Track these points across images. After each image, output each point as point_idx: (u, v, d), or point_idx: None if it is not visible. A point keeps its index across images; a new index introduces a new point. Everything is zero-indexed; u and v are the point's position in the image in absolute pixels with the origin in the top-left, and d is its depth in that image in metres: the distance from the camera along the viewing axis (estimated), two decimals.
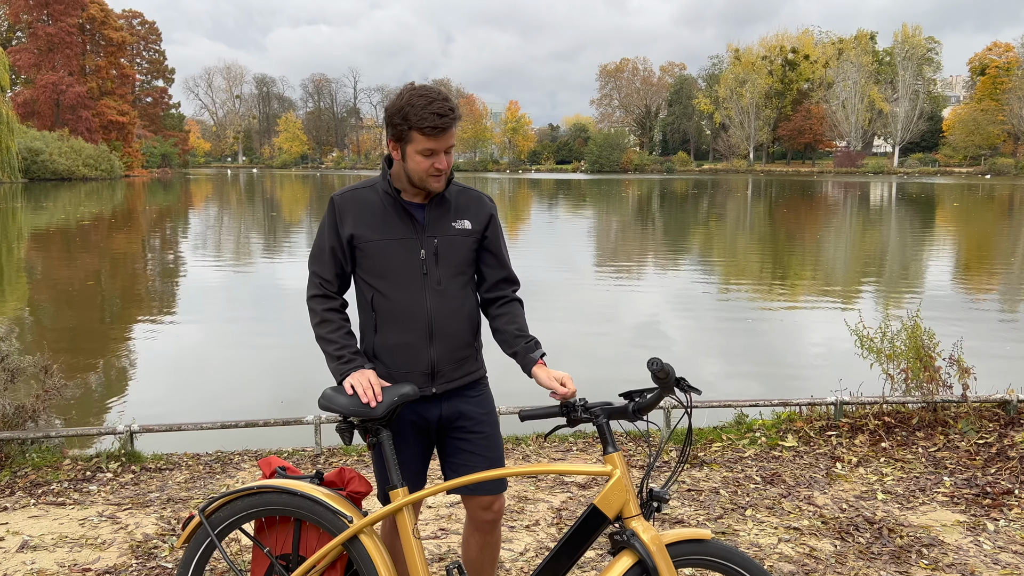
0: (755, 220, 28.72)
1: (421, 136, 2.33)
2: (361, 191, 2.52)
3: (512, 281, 2.67)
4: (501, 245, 2.64)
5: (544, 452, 5.11)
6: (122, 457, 4.99)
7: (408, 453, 2.54)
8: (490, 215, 2.59)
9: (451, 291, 2.50)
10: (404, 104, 2.33)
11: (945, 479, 4.50)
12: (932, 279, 14.51)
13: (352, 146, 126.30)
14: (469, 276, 2.58)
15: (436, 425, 2.56)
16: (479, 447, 2.56)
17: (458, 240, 2.51)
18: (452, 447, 2.58)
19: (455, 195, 2.55)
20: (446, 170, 2.41)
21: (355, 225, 2.47)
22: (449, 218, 2.51)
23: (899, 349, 5.35)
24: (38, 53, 70.87)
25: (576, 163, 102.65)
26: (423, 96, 2.32)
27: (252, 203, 40.04)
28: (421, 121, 2.30)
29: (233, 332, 10.34)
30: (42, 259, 17.58)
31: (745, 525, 3.96)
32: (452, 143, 2.39)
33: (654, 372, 2.07)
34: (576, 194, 47.82)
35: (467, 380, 2.57)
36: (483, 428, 2.57)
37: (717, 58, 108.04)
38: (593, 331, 10.05)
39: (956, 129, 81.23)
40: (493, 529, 2.64)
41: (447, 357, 2.50)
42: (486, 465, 2.54)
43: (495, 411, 2.66)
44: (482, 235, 2.58)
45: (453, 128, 2.36)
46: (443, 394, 2.53)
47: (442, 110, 2.31)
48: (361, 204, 2.49)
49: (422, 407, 2.51)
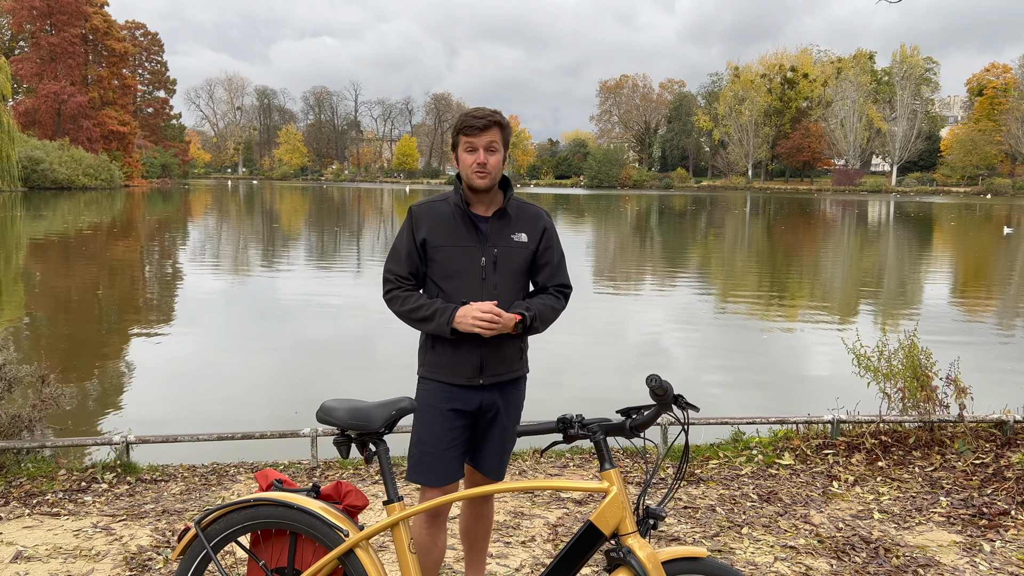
0: (753, 237, 28.78)
1: (463, 136, 2.73)
2: (436, 203, 2.86)
3: (563, 286, 2.94)
4: (554, 256, 2.92)
5: (541, 468, 5.10)
6: (118, 468, 4.98)
7: (448, 438, 2.77)
8: (544, 228, 2.90)
9: (505, 296, 2.79)
10: (456, 120, 2.79)
11: (942, 499, 4.50)
12: (930, 298, 14.54)
13: (352, 158, 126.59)
14: (523, 283, 2.88)
15: (475, 414, 2.83)
16: (498, 437, 2.88)
17: (516, 251, 2.82)
18: (482, 432, 2.88)
19: (516, 210, 2.87)
20: (489, 167, 2.71)
21: (428, 231, 2.79)
22: (509, 230, 2.83)
23: (896, 368, 5.35)
24: (40, 63, 71.03)
25: (575, 178, 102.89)
26: (469, 111, 2.77)
27: (252, 214, 40.08)
28: (462, 123, 2.74)
29: (230, 344, 10.33)
30: (40, 268, 17.58)
31: (741, 543, 3.95)
32: (493, 142, 2.72)
33: (652, 389, 2.07)
34: (575, 209, 47.93)
35: (511, 376, 2.86)
36: (508, 421, 2.88)
37: (716, 75, 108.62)
38: (592, 346, 10.05)
39: (954, 149, 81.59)
40: (486, 503, 3.00)
41: (495, 354, 2.78)
42: (497, 451, 2.90)
43: (521, 408, 2.96)
44: (536, 248, 2.88)
45: (493, 129, 2.72)
46: (488, 385, 2.80)
47: (479, 114, 2.72)
48: (434, 214, 2.82)
49: (466, 394, 2.79)
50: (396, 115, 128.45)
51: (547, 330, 2.86)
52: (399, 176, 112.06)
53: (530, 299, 2.85)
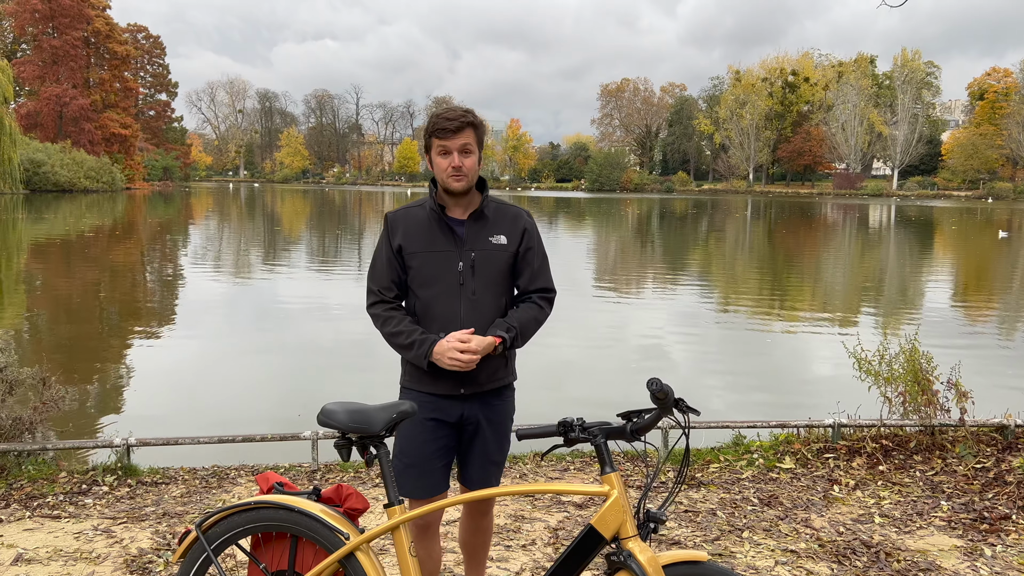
0: (754, 241, 28.78)
1: (436, 139, 2.64)
2: (412, 209, 2.79)
3: (546, 291, 2.83)
4: (535, 258, 2.80)
5: (541, 471, 5.10)
6: (118, 471, 4.98)
7: (429, 448, 2.71)
8: (524, 229, 2.79)
9: (485, 301, 2.70)
10: (428, 121, 2.69)
11: (943, 503, 4.49)
12: (931, 302, 14.53)
13: (353, 161, 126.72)
14: (504, 287, 2.77)
15: (458, 423, 2.74)
16: (488, 448, 2.77)
17: (495, 254, 2.73)
18: (465, 445, 2.78)
19: (493, 211, 2.78)
20: (464, 169, 2.63)
21: (403, 238, 2.73)
22: (487, 233, 2.74)
23: (897, 372, 5.35)
24: (42, 65, 71.16)
25: (576, 181, 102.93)
26: (440, 111, 2.66)
27: (253, 217, 40.11)
28: (434, 126, 2.64)
29: (231, 346, 10.34)
30: (42, 271, 17.59)
31: (742, 547, 3.95)
32: (468, 144, 2.63)
33: (653, 392, 2.07)
34: (576, 212, 47.93)
35: (495, 385, 2.75)
36: (497, 431, 2.78)
37: (718, 79, 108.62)
38: (593, 350, 10.05)
39: (955, 153, 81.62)
40: (484, 516, 2.89)
41: (478, 366, 2.64)
42: (488, 464, 2.78)
43: (511, 418, 2.85)
44: (517, 250, 2.77)
45: (467, 130, 2.62)
46: (470, 396, 2.71)
47: (451, 115, 2.62)
48: (410, 220, 2.76)
49: (448, 404, 2.70)
50: (397, 118, 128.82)
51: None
52: (400, 179, 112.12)
53: (512, 311, 2.75)
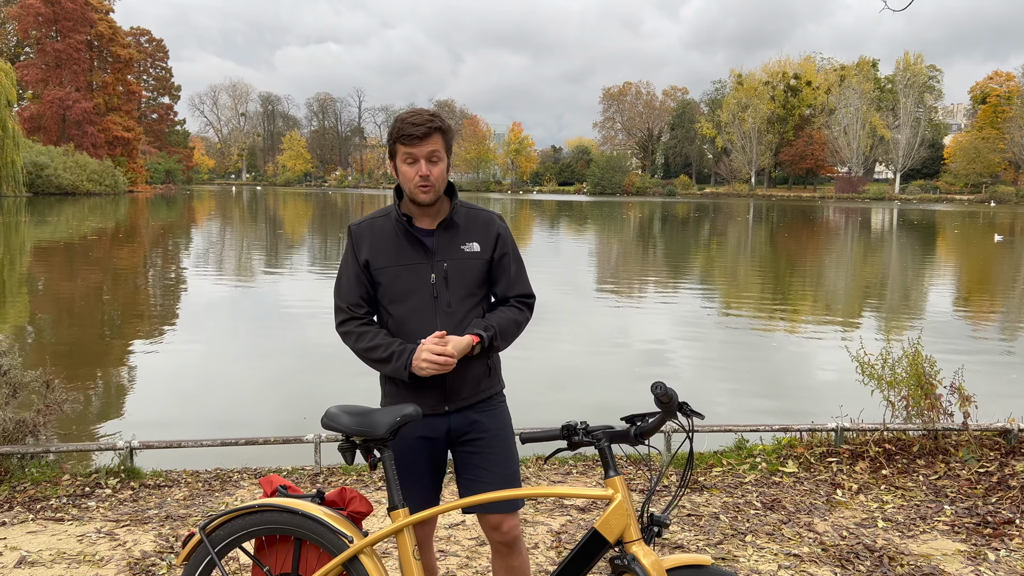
0: (757, 245, 28.77)
1: (402, 146, 2.45)
2: (376, 220, 2.60)
3: (525, 296, 2.67)
4: (511, 263, 2.64)
5: (544, 475, 5.10)
6: (121, 473, 4.98)
7: (419, 468, 2.58)
8: (497, 235, 2.62)
9: (461, 313, 2.54)
10: (392, 125, 2.50)
11: (946, 507, 4.48)
12: (934, 306, 14.51)
13: (355, 165, 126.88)
14: (480, 297, 2.61)
15: (446, 439, 2.59)
16: (490, 462, 2.57)
17: (468, 263, 2.56)
18: (463, 462, 2.61)
19: (464, 218, 2.60)
20: (432, 179, 2.46)
21: (370, 252, 2.56)
22: (458, 241, 2.57)
23: (900, 376, 5.35)
24: (46, 69, 71.34)
25: (578, 185, 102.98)
26: (405, 115, 2.48)
27: (255, 220, 40.15)
28: (400, 132, 2.44)
29: (234, 349, 10.34)
30: (45, 273, 17.62)
31: (745, 551, 3.94)
32: (435, 151, 2.45)
33: (657, 396, 2.07)
34: (578, 216, 47.94)
35: (480, 397, 2.60)
36: (495, 443, 2.59)
37: (720, 83, 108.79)
38: (596, 354, 10.04)
39: (957, 157, 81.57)
40: (511, 552, 2.61)
41: (460, 378, 2.52)
42: (497, 482, 2.54)
43: (510, 427, 2.67)
44: (491, 257, 2.61)
45: (434, 136, 2.44)
46: (454, 411, 2.56)
47: (417, 120, 2.43)
48: (375, 232, 2.58)
49: (430, 421, 2.54)
50: None
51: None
52: None
53: (490, 313, 2.60)
